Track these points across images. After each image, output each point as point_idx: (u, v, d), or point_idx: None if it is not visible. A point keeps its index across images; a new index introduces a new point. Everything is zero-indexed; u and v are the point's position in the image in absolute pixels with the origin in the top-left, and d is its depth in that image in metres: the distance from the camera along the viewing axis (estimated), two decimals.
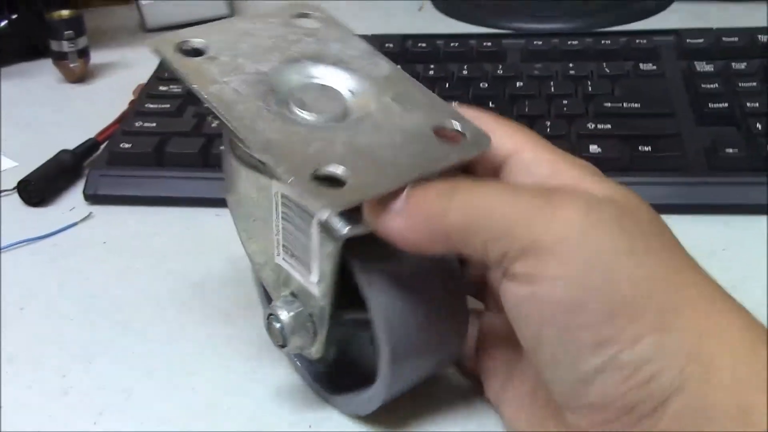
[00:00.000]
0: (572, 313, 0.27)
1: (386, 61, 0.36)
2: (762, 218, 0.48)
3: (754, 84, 0.55)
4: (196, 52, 0.34)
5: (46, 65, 0.72)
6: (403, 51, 0.63)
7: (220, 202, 0.52)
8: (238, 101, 0.32)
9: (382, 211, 0.29)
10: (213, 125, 0.55)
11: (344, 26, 0.38)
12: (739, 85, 0.55)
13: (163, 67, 0.65)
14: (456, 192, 0.29)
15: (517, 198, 0.28)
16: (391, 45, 0.64)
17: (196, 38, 0.34)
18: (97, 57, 0.73)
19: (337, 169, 0.29)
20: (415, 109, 0.32)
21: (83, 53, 0.70)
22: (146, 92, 0.61)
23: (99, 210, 0.53)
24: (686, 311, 0.27)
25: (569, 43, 0.62)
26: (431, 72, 0.60)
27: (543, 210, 0.28)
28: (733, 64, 0.57)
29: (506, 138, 0.32)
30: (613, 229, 0.27)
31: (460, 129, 0.32)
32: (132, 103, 0.62)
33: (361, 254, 0.31)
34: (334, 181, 0.29)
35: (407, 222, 0.29)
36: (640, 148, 0.50)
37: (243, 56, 0.34)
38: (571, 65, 0.59)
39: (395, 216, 0.29)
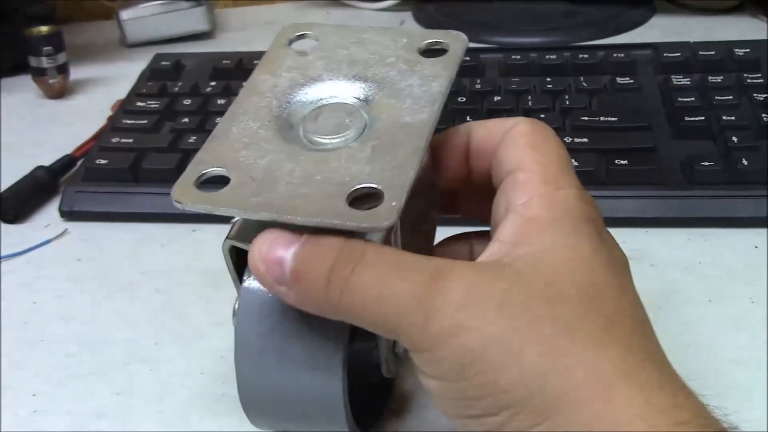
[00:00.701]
0: (461, 406, 0.27)
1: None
2: (738, 231, 0.48)
3: (730, 97, 0.55)
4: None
5: (25, 81, 0.71)
6: None
7: (196, 218, 0.52)
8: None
9: (269, 268, 0.28)
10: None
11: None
12: (716, 98, 0.55)
13: (140, 82, 0.64)
14: (336, 275, 0.27)
15: (396, 293, 0.27)
16: None
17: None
18: (76, 73, 0.73)
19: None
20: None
21: (63, 69, 0.70)
22: (123, 108, 0.61)
23: (74, 226, 0.53)
24: (568, 403, 0.25)
25: (547, 57, 0.62)
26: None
27: (418, 310, 0.26)
28: (709, 77, 0.58)
29: (516, 153, 0.31)
30: (488, 322, 0.26)
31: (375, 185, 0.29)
32: (110, 119, 0.62)
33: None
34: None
35: (292, 294, 0.28)
36: (616, 161, 0.50)
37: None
38: (548, 79, 0.59)
39: (280, 286, 0.28)
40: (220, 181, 0.30)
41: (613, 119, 0.54)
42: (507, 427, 0.26)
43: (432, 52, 0.34)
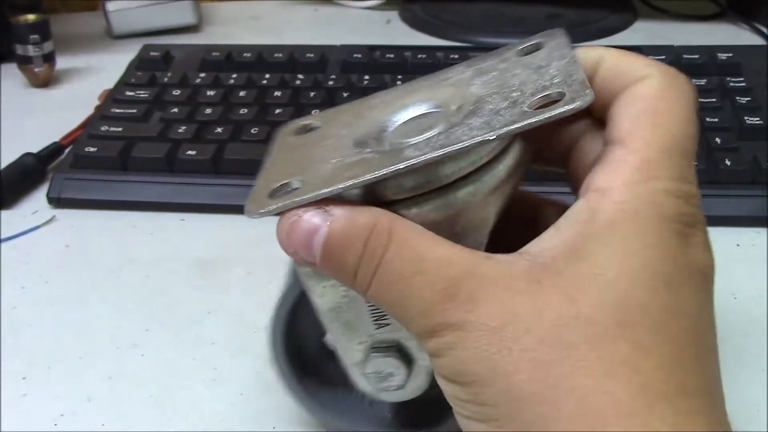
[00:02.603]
0: (457, 404, 0.27)
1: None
2: (720, 229, 0.49)
3: (713, 100, 0.56)
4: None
5: (11, 69, 0.71)
6: (371, 61, 0.64)
7: (184, 207, 0.53)
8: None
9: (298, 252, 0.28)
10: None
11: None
12: (699, 101, 0.56)
13: (129, 71, 0.64)
14: (363, 269, 0.27)
15: (409, 297, 0.26)
16: (359, 55, 0.64)
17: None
18: (62, 62, 0.72)
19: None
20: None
21: (49, 58, 0.70)
22: (112, 97, 0.61)
23: (62, 213, 0.53)
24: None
25: None
26: (398, 82, 0.61)
27: (425, 322, 0.26)
28: (693, 80, 0.58)
29: (627, 118, 0.27)
30: (482, 342, 0.25)
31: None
32: (97, 108, 0.62)
33: None
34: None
35: (322, 268, 0.28)
36: None
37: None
38: None
39: (309, 258, 0.28)
40: None
41: None
42: None
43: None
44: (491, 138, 0.25)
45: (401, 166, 0.26)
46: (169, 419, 0.38)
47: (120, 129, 0.56)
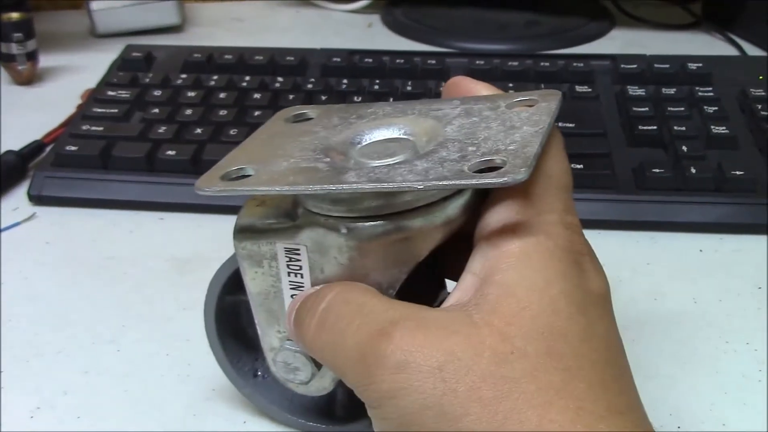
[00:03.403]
0: None
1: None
2: (685, 235, 0.51)
3: (682, 109, 0.58)
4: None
5: None
6: (351, 65, 0.65)
7: (163, 206, 0.54)
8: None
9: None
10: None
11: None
12: (668, 109, 0.58)
13: (111, 71, 0.65)
14: (309, 316, 0.30)
15: (348, 345, 0.27)
16: (338, 59, 0.65)
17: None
18: (46, 61, 0.73)
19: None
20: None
21: (32, 56, 0.70)
22: (94, 96, 0.62)
23: (43, 211, 0.54)
24: None
25: (510, 63, 0.64)
26: (376, 87, 0.62)
27: (363, 368, 0.27)
28: (663, 89, 0.60)
29: None
30: (425, 386, 0.25)
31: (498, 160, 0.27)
32: (80, 107, 0.63)
33: None
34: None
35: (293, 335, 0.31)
36: (572, 165, 0.52)
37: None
38: (511, 85, 0.61)
39: (287, 320, 0.32)
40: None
41: (570, 125, 0.56)
42: None
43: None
44: (418, 188, 0.27)
45: (331, 188, 0.28)
46: (143, 413, 0.39)
47: (101, 128, 0.57)
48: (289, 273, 0.32)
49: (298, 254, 0.31)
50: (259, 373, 0.38)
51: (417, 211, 0.29)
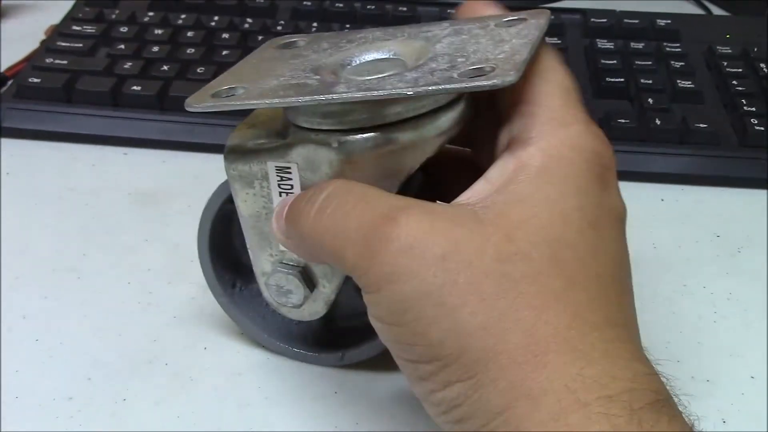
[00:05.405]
0: (398, 348, 0.27)
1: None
2: (648, 185, 0.51)
3: (650, 63, 0.58)
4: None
5: None
6: (321, 10, 0.64)
7: (127, 141, 0.53)
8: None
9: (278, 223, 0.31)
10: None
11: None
12: (636, 63, 0.58)
13: (77, 7, 0.64)
14: (308, 204, 0.29)
15: (350, 227, 0.27)
16: (309, 3, 0.65)
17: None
18: None
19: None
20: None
21: None
22: (58, 31, 0.61)
23: (4, 143, 0.53)
24: (497, 364, 0.25)
25: None
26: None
27: (365, 250, 0.26)
28: (631, 43, 0.61)
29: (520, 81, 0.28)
30: (427, 273, 0.25)
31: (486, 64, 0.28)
32: (43, 42, 0.61)
33: None
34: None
35: (290, 242, 0.31)
36: None
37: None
38: None
39: (275, 220, 0.31)
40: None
41: None
42: (437, 376, 0.26)
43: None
44: (408, 93, 0.27)
45: (320, 98, 0.28)
46: (102, 338, 0.38)
47: (65, 62, 0.56)
48: (280, 193, 0.31)
49: (289, 172, 0.31)
50: (238, 284, 0.38)
51: (408, 123, 0.29)
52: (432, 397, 0.26)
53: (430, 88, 0.27)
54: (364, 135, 0.29)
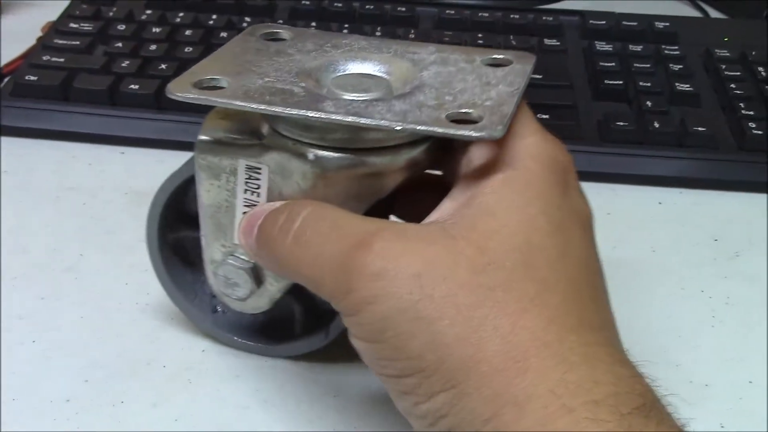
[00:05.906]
0: (380, 365, 0.27)
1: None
2: (645, 188, 0.51)
3: (648, 65, 0.58)
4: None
5: None
6: (320, 9, 0.64)
7: (125, 141, 0.53)
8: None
9: (246, 238, 0.32)
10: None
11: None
12: (634, 65, 0.58)
13: (74, 4, 0.64)
14: (285, 226, 0.29)
15: (327, 255, 0.28)
16: (307, 2, 0.65)
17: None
18: None
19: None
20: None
21: None
22: (55, 28, 0.60)
23: (1, 141, 0.53)
24: (478, 372, 0.25)
25: (480, 15, 0.64)
26: (345, 32, 0.61)
27: (342, 277, 0.27)
28: (630, 46, 0.61)
29: None
30: (403, 292, 0.26)
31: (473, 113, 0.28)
32: (40, 39, 0.61)
33: None
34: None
35: (261, 256, 0.31)
36: (538, 115, 0.52)
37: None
38: (480, 35, 0.61)
39: (242, 236, 0.32)
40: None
41: (538, 77, 0.56)
42: (419, 388, 0.26)
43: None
44: (396, 128, 0.28)
45: (310, 114, 0.28)
46: (100, 339, 0.38)
47: (62, 60, 0.56)
48: (246, 190, 0.32)
49: (259, 173, 0.31)
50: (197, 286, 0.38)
51: (385, 150, 0.30)
52: (417, 410, 0.27)
53: (418, 128, 0.28)
54: (342, 155, 0.30)
